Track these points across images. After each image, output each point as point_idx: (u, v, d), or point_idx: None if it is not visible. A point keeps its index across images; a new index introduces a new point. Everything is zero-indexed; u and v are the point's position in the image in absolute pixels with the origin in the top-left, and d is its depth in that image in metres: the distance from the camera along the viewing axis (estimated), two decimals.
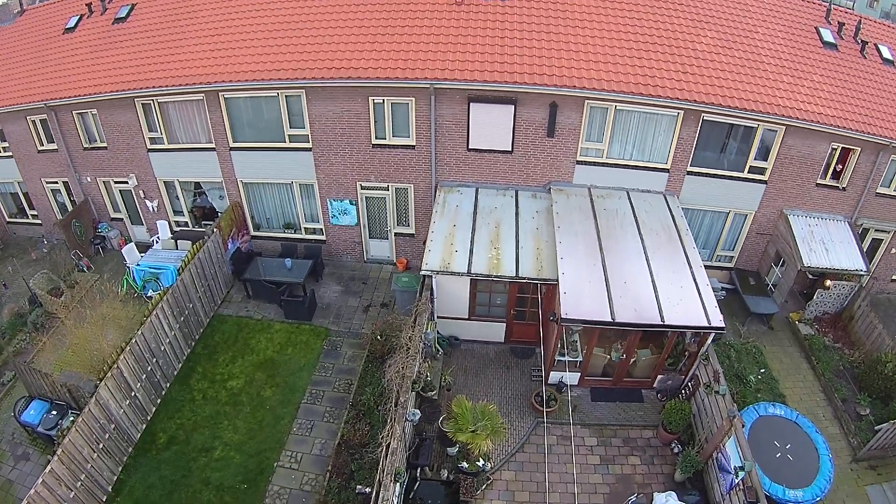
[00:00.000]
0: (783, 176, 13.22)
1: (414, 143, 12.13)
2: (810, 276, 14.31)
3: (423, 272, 10.72)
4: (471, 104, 11.60)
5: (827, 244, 13.54)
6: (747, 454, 8.74)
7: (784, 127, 12.48)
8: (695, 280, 10.97)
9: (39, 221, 14.56)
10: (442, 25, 11.96)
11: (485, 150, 12.20)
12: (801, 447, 9.89)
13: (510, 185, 12.65)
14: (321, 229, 13.37)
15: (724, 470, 9.18)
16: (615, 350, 11.21)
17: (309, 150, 12.35)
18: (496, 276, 10.73)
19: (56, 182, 13.90)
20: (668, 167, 12.69)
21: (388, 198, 12.89)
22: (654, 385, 11.53)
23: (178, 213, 13.62)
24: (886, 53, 14.26)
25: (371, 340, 11.53)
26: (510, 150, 12.17)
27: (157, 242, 13.37)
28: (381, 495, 7.64)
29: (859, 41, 14.00)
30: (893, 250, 14.96)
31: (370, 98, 11.63)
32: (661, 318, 10.13)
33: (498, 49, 11.63)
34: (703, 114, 12.05)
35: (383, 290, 13.20)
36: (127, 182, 13.08)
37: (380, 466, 8.04)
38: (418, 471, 9.51)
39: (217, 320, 12.48)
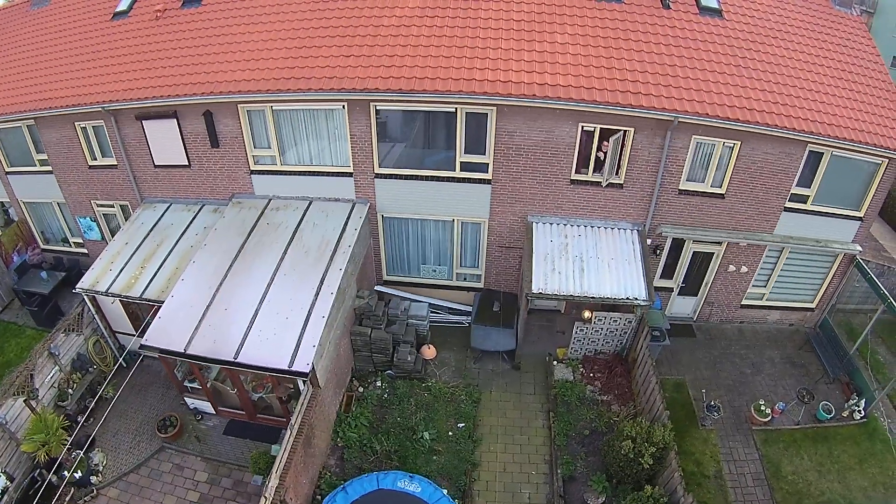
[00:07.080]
0: (512, 172, 10.18)
1: (116, 163, 12.29)
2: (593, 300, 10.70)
3: (75, 290, 10.89)
4: (143, 122, 11.31)
5: (586, 262, 10.02)
6: None
7: (493, 108, 9.61)
8: (310, 311, 9.20)
9: None
10: (124, 48, 11.81)
11: (169, 166, 11.76)
12: None
13: (199, 200, 11.98)
14: (81, 243, 14.36)
15: None
16: (247, 384, 9.99)
17: (51, 173, 13.35)
18: (125, 297, 10.39)
19: None
20: (352, 170, 10.71)
21: (118, 214, 13.26)
22: None
23: None
24: (708, 1, 9.95)
25: None
26: (188, 164, 11.54)
27: None
28: None
29: None
30: (732, 267, 10.40)
31: (76, 123, 12.11)
32: (236, 354, 8.76)
33: (159, 64, 11.10)
34: (371, 103, 9.90)
35: None
36: None
37: None
38: (37, 471, 9.94)
39: None
